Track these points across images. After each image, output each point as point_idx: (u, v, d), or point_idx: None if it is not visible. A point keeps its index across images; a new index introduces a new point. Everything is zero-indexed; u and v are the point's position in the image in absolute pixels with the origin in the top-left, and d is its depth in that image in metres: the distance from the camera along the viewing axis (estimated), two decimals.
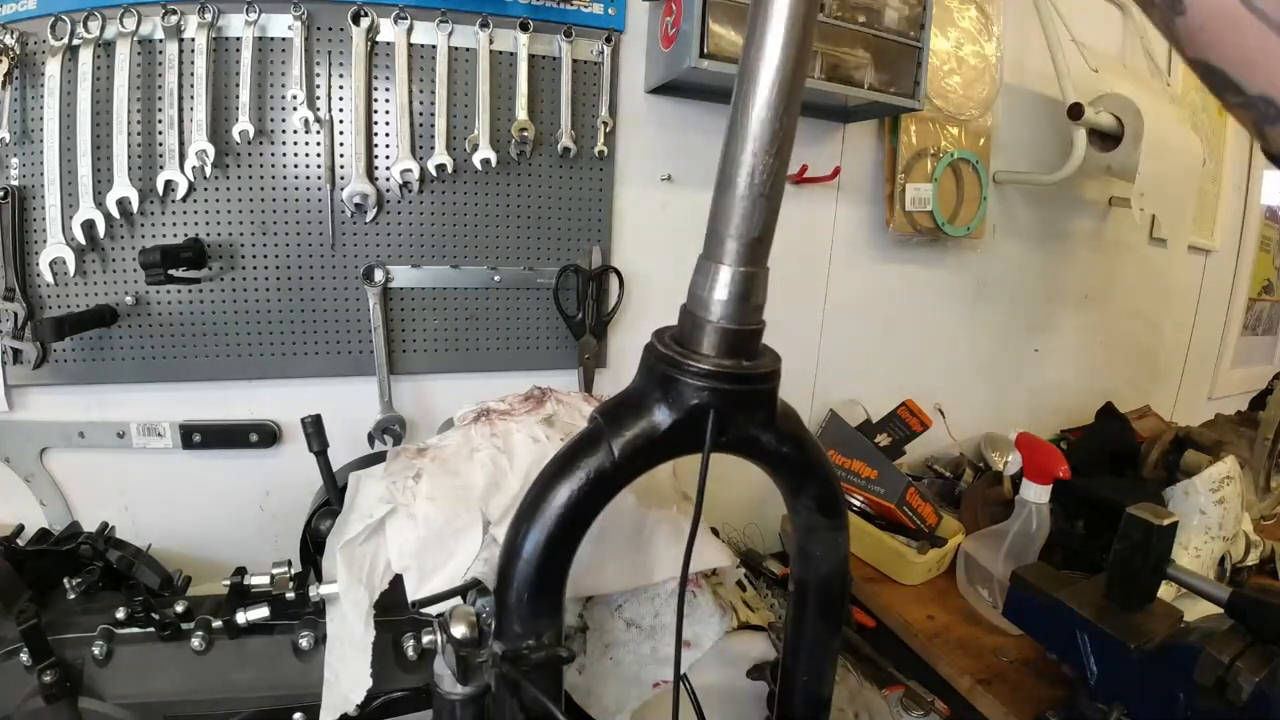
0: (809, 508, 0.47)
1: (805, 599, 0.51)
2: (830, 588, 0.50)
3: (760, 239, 0.37)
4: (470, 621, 0.44)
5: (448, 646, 0.45)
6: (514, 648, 0.43)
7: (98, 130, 0.80)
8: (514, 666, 0.42)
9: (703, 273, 0.39)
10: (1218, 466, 1.08)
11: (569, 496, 0.40)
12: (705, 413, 0.39)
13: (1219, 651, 0.64)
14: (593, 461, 0.40)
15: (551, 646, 0.43)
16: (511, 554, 0.42)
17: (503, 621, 0.43)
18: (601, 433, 0.40)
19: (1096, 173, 1.37)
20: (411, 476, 0.65)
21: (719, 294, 0.38)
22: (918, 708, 0.86)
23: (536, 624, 0.43)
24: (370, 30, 0.86)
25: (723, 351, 0.39)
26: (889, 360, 1.37)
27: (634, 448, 0.40)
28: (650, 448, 0.40)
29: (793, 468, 0.45)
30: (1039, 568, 0.85)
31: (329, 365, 0.95)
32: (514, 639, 0.43)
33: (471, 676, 0.46)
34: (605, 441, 0.40)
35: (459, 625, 0.44)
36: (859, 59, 0.98)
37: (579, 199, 1.02)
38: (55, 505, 0.89)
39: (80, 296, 0.84)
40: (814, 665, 0.53)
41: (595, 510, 0.42)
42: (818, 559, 0.49)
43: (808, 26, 0.35)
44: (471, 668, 0.45)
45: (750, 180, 0.36)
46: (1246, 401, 1.67)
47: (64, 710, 0.58)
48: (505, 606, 0.43)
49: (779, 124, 0.36)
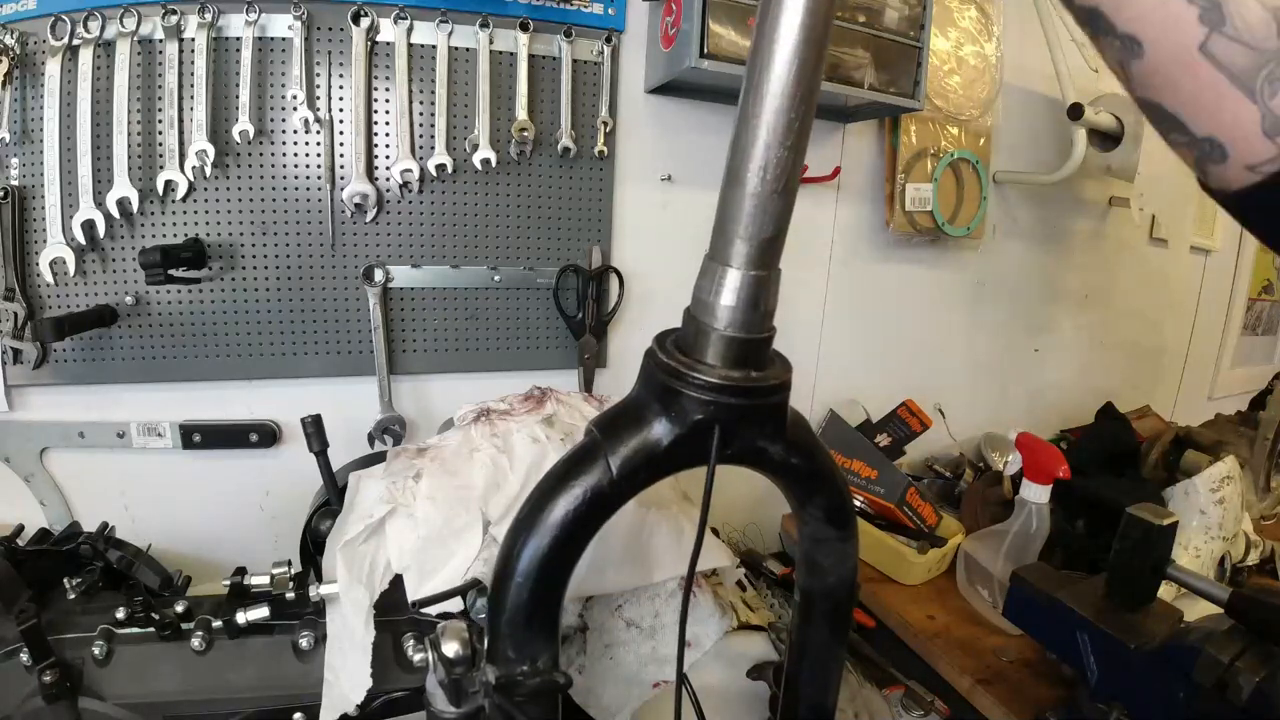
0: (817, 518, 0.45)
1: (811, 609, 0.49)
2: (837, 598, 0.48)
3: (773, 240, 0.34)
4: (462, 639, 0.42)
5: (439, 665, 0.43)
6: (507, 674, 0.40)
7: (98, 130, 0.80)
8: (506, 697, 0.40)
9: (708, 275, 0.36)
10: (1218, 466, 1.08)
11: (564, 515, 0.38)
12: (710, 428, 0.36)
13: (1219, 651, 0.64)
14: (590, 479, 0.37)
15: (547, 672, 0.41)
16: (504, 575, 0.39)
17: (495, 644, 0.41)
18: (599, 447, 0.38)
19: (1096, 173, 1.37)
20: (411, 476, 0.65)
21: (726, 299, 0.35)
22: (918, 708, 0.86)
23: (531, 648, 0.40)
24: (370, 30, 0.86)
25: (729, 362, 0.36)
26: (889, 360, 1.37)
27: (633, 464, 0.37)
28: (650, 464, 0.37)
29: (802, 478, 0.43)
30: (1039, 568, 0.85)
31: (329, 365, 0.95)
32: (507, 664, 0.40)
33: (464, 699, 0.43)
34: (603, 457, 0.37)
35: (450, 643, 0.42)
36: (859, 59, 0.98)
37: (579, 199, 1.02)
38: (55, 505, 0.89)
39: (80, 296, 0.84)
40: (819, 674, 0.52)
41: (592, 530, 0.39)
42: (825, 569, 0.47)
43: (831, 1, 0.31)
44: (464, 691, 0.43)
45: (763, 176, 0.33)
46: (1246, 401, 1.68)
47: (64, 710, 0.58)
48: (497, 631, 0.41)
49: (796, 113, 0.32)
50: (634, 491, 0.38)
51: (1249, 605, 0.68)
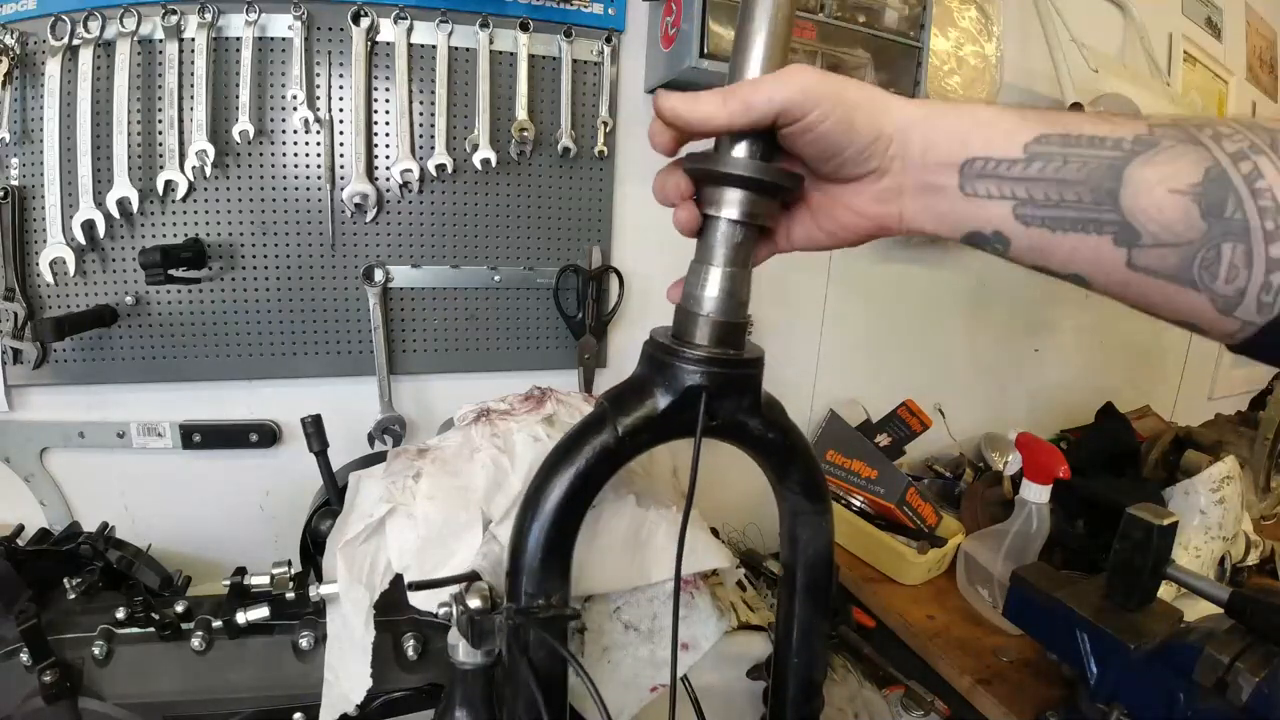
0: (795, 492, 0.50)
1: (794, 583, 0.54)
2: (816, 570, 0.53)
3: (740, 244, 0.42)
4: (484, 595, 0.50)
5: (462, 617, 0.49)
6: (525, 606, 0.47)
7: (98, 130, 0.80)
8: (526, 619, 0.47)
9: (695, 274, 0.43)
10: (1218, 466, 1.08)
11: (577, 468, 0.45)
12: (699, 394, 0.43)
13: (1219, 651, 0.64)
14: (599, 439, 0.45)
15: (560, 606, 0.47)
16: (525, 522, 0.46)
17: (515, 583, 0.48)
18: (606, 415, 0.45)
19: None
20: (411, 476, 0.65)
21: (710, 291, 0.42)
22: (918, 708, 0.86)
23: (546, 586, 0.47)
24: (370, 30, 0.86)
25: (714, 341, 0.43)
26: (889, 360, 1.37)
27: (635, 427, 0.44)
28: (649, 426, 0.44)
29: (778, 453, 0.49)
30: (1039, 568, 0.85)
31: (329, 365, 0.95)
32: (526, 599, 0.47)
33: (484, 640, 0.49)
34: (610, 422, 0.44)
35: (474, 598, 0.49)
36: (859, 59, 0.98)
37: (579, 199, 1.02)
38: (55, 505, 0.89)
39: (80, 296, 0.84)
40: (805, 648, 0.55)
41: (600, 481, 0.46)
42: (804, 542, 0.52)
43: (789, 20, 0.39)
44: (484, 631, 0.49)
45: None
46: (1246, 401, 1.67)
47: (64, 710, 0.58)
48: (517, 571, 0.47)
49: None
50: (635, 451, 0.45)
51: (1249, 605, 0.68)
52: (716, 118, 0.38)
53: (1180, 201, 0.30)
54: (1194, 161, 0.30)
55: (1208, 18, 1.71)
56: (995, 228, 0.36)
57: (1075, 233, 0.33)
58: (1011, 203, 0.35)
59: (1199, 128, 0.31)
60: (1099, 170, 0.32)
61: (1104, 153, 0.32)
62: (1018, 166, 0.34)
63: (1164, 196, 0.31)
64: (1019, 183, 0.34)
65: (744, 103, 0.37)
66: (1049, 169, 0.34)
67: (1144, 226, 0.31)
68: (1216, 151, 0.30)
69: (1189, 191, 0.30)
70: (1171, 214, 0.31)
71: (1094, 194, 0.32)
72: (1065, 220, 0.34)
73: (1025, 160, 0.34)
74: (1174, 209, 0.31)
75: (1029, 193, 0.34)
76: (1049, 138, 0.34)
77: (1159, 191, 0.31)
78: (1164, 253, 0.31)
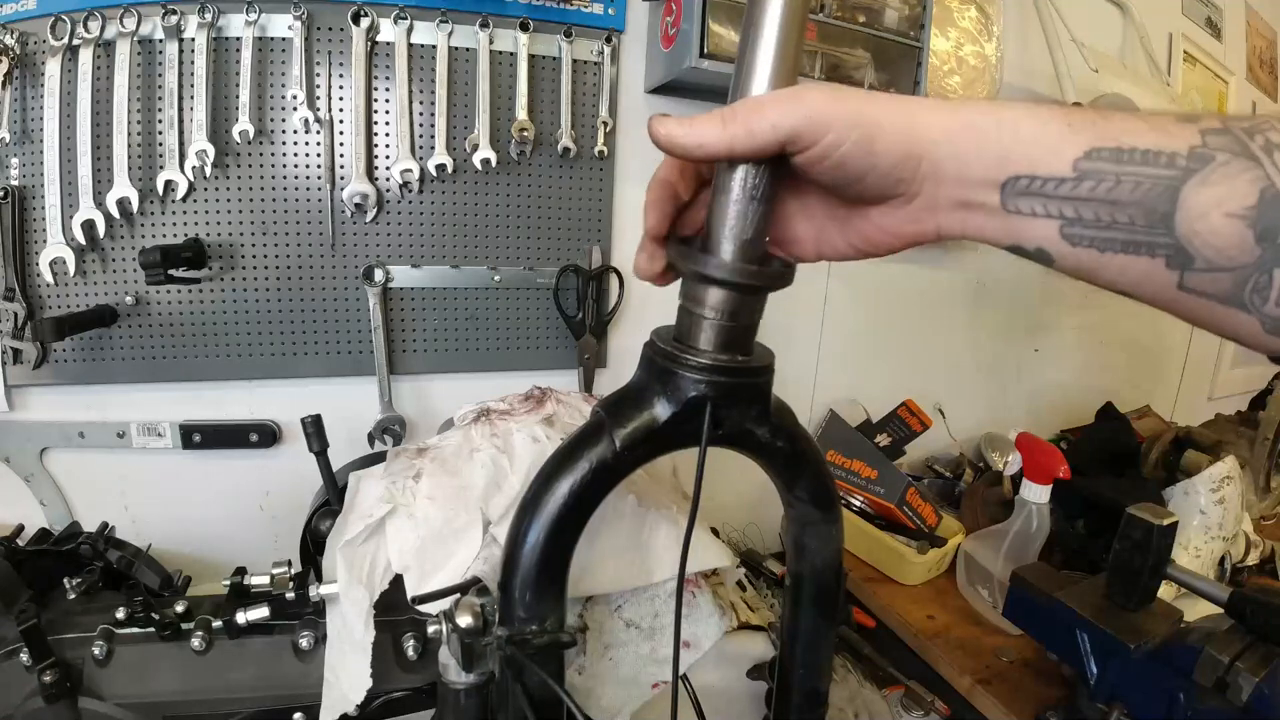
0: (803, 500, 0.47)
1: (801, 592, 0.51)
2: (825, 580, 0.51)
3: (752, 240, 0.38)
4: (475, 612, 0.46)
5: (452, 636, 0.46)
6: (518, 632, 0.44)
7: (98, 130, 0.80)
8: (519, 649, 0.43)
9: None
10: (1218, 466, 1.08)
11: (572, 485, 0.41)
12: (703, 405, 0.39)
13: (1219, 651, 0.64)
14: (595, 452, 0.41)
15: (554, 631, 0.44)
16: (517, 541, 0.43)
17: (507, 609, 0.45)
18: (603, 425, 0.41)
19: None
20: (411, 476, 0.65)
21: (714, 292, 0.39)
22: (918, 708, 0.86)
23: (540, 609, 0.44)
24: (370, 30, 0.86)
25: (719, 347, 0.39)
26: (889, 360, 1.37)
27: (634, 439, 0.40)
28: (649, 439, 0.41)
29: (787, 461, 0.45)
30: (1039, 568, 0.85)
31: (329, 365, 0.95)
32: (518, 624, 0.44)
33: (476, 664, 0.47)
34: (607, 433, 0.41)
35: (464, 616, 0.46)
36: (859, 59, 0.98)
37: (579, 199, 1.02)
38: (55, 505, 0.89)
39: (80, 296, 0.84)
40: (811, 658, 0.54)
41: (597, 499, 0.43)
42: (812, 552, 0.50)
43: (801, 27, 0.35)
44: (476, 654, 0.46)
45: (744, 184, 0.37)
46: (1246, 401, 1.68)
47: (64, 710, 0.58)
48: (509, 594, 0.44)
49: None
50: (634, 465, 0.42)
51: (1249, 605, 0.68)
52: (715, 144, 0.34)
53: (1236, 226, 0.29)
54: (1250, 181, 0.29)
55: (1208, 18, 1.71)
56: (1039, 245, 0.34)
57: (1126, 254, 0.32)
58: (1059, 222, 0.33)
59: (1249, 134, 0.30)
60: (1154, 192, 0.31)
61: (1159, 171, 0.31)
62: (1066, 185, 0.32)
63: (1220, 221, 0.30)
64: (1067, 202, 0.32)
65: (746, 128, 0.33)
66: (1100, 189, 0.31)
67: (1199, 251, 0.30)
68: (1270, 168, 0.29)
69: (1244, 215, 0.29)
70: (1227, 238, 0.30)
71: (1148, 216, 0.31)
72: (1116, 242, 0.32)
73: (1075, 180, 0.32)
74: (1229, 233, 0.30)
75: (1078, 212, 0.32)
76: (1099, 152, 0.32)
77: (1215, 216, 0.30)
78: (1216, 276, 0.30)
